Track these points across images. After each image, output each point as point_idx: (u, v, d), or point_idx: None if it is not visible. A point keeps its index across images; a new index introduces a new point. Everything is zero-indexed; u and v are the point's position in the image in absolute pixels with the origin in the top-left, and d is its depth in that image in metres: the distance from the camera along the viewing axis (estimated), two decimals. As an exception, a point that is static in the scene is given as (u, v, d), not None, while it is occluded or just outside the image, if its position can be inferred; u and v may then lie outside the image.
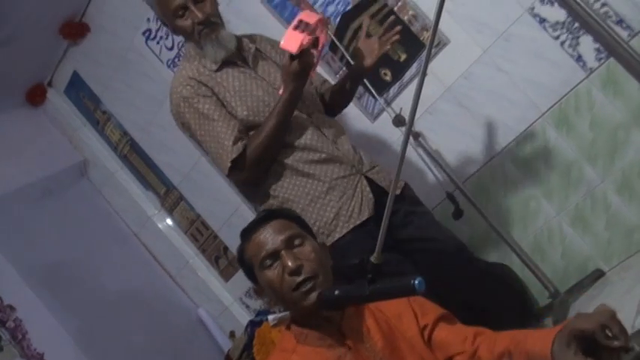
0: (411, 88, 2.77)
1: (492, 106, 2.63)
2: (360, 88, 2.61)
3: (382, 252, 1.38)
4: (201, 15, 2.07)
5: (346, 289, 1.42)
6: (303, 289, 1.48)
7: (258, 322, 2.98)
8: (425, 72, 1.27)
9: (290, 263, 1.49)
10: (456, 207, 2.60)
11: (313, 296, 1.48)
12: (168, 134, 3.61)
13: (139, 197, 3.96)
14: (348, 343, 1.51)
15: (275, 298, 1.56)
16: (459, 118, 2.70)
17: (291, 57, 1.93)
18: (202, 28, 2.12)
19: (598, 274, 2.53)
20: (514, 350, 1.34)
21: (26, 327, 3.10)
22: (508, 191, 2.69)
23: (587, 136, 2.49)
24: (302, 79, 2.02)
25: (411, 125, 1.39)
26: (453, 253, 2.30)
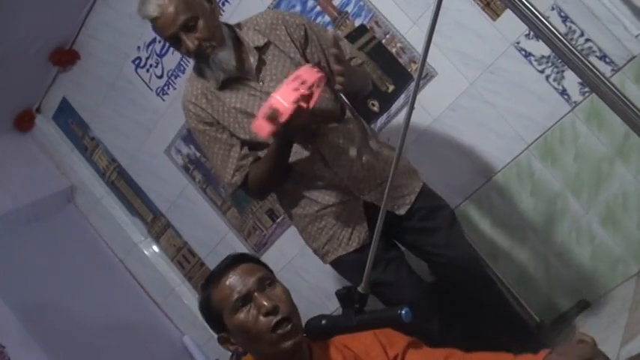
0: (398, 119, 2.80)
1: (478, 137, 2.66)
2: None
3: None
4: (192, 45, 2.03)
5: (333, 318, 1.42)
6: (281, 330, 1.46)
7: (243, 352, 2.96)
8: (413, 105, 1.29)
9: (266, 303, 1.47)
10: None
11: (289, 343, 1.46)
12: (156, 161, 3.62)
13: (126, 224, 3.94)
14: None
15: (247, 342, 1.52)
16: (445, 149, 2.72)
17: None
18: (198, 53, 2.09)
19: (583, 305, 2.55)
20: None
21: (9, 354, 3.06)
22: (494, 222, 2.71)
23: (572, 168, 2.52)
24: (287, 137, 1.98)
25: (399, 156, 1.40)
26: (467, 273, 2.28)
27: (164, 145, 3.57)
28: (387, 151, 2.25)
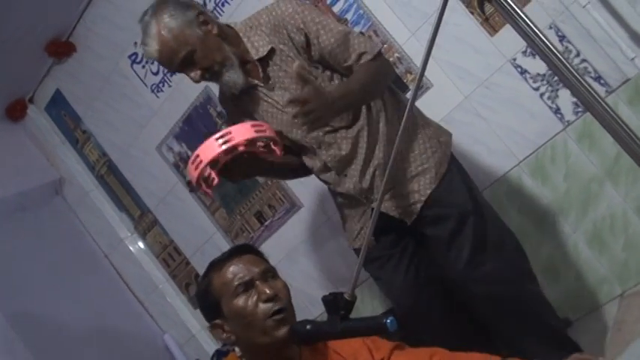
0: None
1: (470, 151, 2.67)
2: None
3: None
4: (196, 77, 2.05)
5: (318, 324, 1.42)
6: (277, 317, 1.49)
7: (224, 352, 2.96)
8: (411, 115, 1.30)
9: (267, 290, 1.52)
10: None
11: (284, 330, 1.48)
12: (147, 158, 3.61)
13: (113, 219, 3.93)
14: None
15: (241, 329, 1.53)
16: (438, 160, 2.73)
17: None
18: (206, 80, 2.11)
19: (566, 324, 2.55)
20: None
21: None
22: (481, 236, 2.71)
23: (562, 186, 2.53)
24: (235, 178, 2.04)
25: (393, 165, 1.41)
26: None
27: (156, 141, 3.56)
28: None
